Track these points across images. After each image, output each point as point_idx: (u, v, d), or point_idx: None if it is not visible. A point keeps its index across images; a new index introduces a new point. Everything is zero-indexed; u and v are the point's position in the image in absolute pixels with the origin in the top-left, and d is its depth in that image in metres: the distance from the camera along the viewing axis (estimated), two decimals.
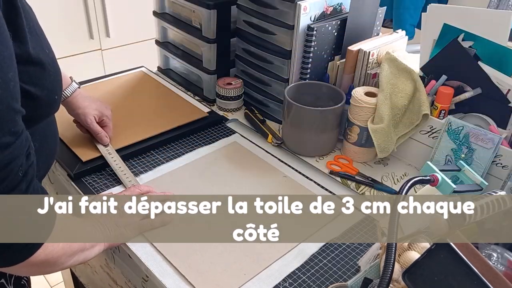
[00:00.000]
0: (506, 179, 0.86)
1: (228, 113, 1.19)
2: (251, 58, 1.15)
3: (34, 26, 0.62)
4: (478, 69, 0.92)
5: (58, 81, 0.67)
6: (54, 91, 0.66)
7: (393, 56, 1.01)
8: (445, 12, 0.98)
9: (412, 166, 1.02)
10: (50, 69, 0.63)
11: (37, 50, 0.60)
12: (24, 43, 0.57)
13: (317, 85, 1.07)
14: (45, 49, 0.63)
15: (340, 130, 1.04)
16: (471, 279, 0.51)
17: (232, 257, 0.76)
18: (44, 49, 0.63)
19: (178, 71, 1.35)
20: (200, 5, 1.12)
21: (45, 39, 0.65)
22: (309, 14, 1.01)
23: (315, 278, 0.74)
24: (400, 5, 1.87)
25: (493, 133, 0.86)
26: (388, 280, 0.53)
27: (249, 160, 1.01)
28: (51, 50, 0.66)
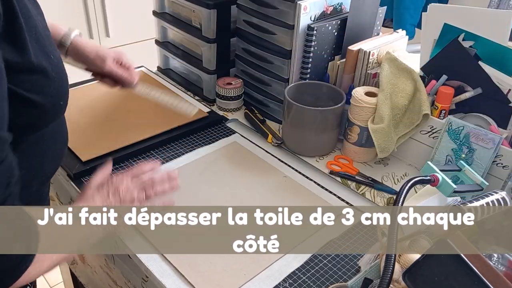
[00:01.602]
0: (507, 179, 0.86)
1: (228, 113, 1.18)
2: (251, 58, 1.15)
3: (39, 31, 0.60)
4: (479, 69, 0.92)
5: (63, 86, 0.65)
6: (59, 97, 0.64)
7: (394, 56, 1.01)
8: (446, 11, 0.98)
9: (412, 166, 1.02)
10: (54, 76, 0.61)
11: (40, 57, 0.59)
12: (26, 52, 0.56)
13: (317, 85, 1.07)
14: (50, 55, 0.61)
15: (340, 130, 1.04)
16: (471, 280, 0.50)
17: (232, 258, 0.76)
18: (48, 55, 0.61)
19: (178, 71, 1.35)
20: (200, 4, 1.12)
21: (51, 44, 0.64)
22: (309, 14, 1.01)
23: (315, 278, 0.74)
24: (401, 5, 1.87)
25: (493, 133, 0.86)
26: (388, 281, 0.53)
27: (249, 160, 1.01)
28: (56, 55, 0.64)
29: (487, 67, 0.92)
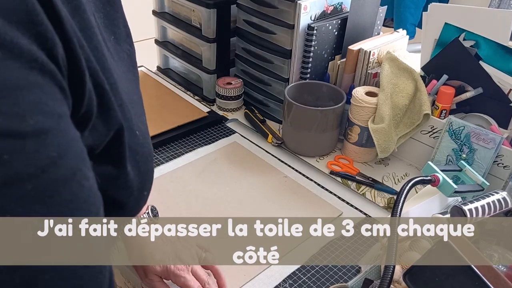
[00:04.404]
0: (508, 179, 0.86)
1: (228, 113, 1.18)
2: (251, 58, 1.15)
3: (130, 94, 0.47)
4: (479, 68, 0.92)
5: (149, 165, 0.51)
6: (144, 187, 0.51)
7: (394, 56, 1.01)
8: (446, 11, 0.98)
9: (413, 166, 1.01)
10: (144, 152, 0.48)
11: (133, 169, 0.46)
12: (123, 166, 0.44)
13: (317, 84, 1.06)
14: (139, 125, 0.48)
15: (341, 130, 1.04)
16: (472, 280, 0.50)
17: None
18: (138, 125, 0.47)
19: (178, 70, 1.34)
20: (200, 4, 1.12)
21: (140, 108, 0.51)
22: (309, 13, 1.01)
23: (316, 278, 0.74)
24: (401, 4, 1.87)
25: (494, 133, 0.85)
26: (389, 281, 0.53)
27: (249, 160, 1.01)
28: (144, 122, 0.52)
29: (488, 67, 0.92)
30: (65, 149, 0.32)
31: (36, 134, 0.29)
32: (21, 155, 0.29)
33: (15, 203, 0.29)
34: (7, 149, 0.28)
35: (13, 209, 0.29)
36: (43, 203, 0.30)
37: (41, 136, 0.30)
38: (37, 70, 0.30)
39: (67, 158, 0.32)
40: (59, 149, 0.31)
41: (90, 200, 0.34)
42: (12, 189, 0.29)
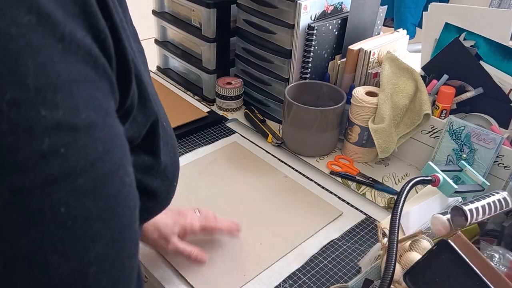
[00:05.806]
0: (508, 179, 0.86)
1: (228, 113, 1.18)
2: (251, 58, 1.15)
3: (151, 88, 0.47)
4: (480, 68, 0.92)
5: (176, 156, 0.52)
6: (174, 178, 0.52)
7: (394, 56, 1.01)
8: (447, 11, 0.97)
9: (413, 166, 1.01)
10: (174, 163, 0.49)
11: (166, 156, 0.47)
12: (158, 155, 0.45)
13: (317, 84, 1.06)
14: (165, 117, 0.49)
15: (341, 130, 1.04)
16: (472, 280, 0.50)
17: (232, 258, 0.76)
18: (164, 117, 0.48)
19: (178, 70, 1.34)
20: (200, 4, 1.11)
21: (160, 101, 0.50)
22: (309, 13, 1.00)
23: (316, 279, 0.74)
24: (401, 4, 1.87)
25: (495, 133, 0.85)
26: (389, 281, 0.53)
27: (249, 160, 1.01)
28: (166, 115, 0.51)
29: (488, 67, 0.92)
30: (111, 144, 0.32)
31: (87, 129, 0.30)
32: (75, 149, 0.29)
33: (69, 197, 0.29)
34: (64, 142, 0.28)
35: (68, 202, 0.29)
36: (91, 197, 0.31)
37: (90, 130, 0.30)
38: (91, 64, 0.30)
39: (112, 154, 0.32)
40: (105, 144, 0.31)
41: (130, 195, 0.35)
42: (67, 183, 0.29)
